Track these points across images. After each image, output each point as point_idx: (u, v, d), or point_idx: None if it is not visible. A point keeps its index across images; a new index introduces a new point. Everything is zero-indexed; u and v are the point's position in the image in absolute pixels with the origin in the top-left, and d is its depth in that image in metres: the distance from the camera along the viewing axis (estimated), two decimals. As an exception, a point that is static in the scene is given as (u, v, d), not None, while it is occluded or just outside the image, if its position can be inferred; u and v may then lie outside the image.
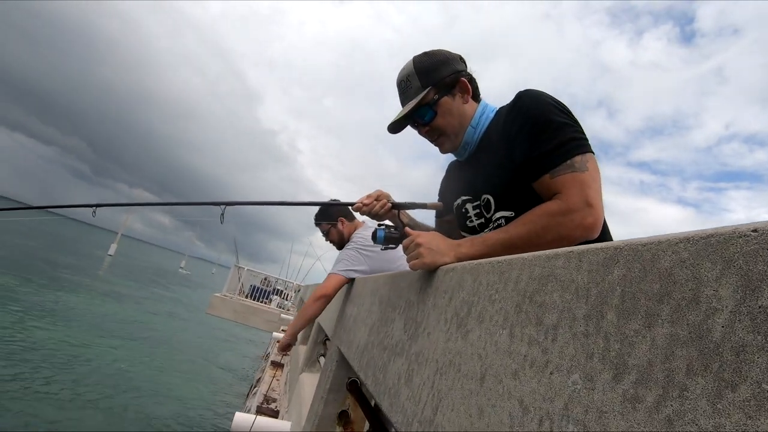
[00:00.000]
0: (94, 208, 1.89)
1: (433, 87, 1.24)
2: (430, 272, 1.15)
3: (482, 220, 1.27)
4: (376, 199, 1.48)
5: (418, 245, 1.11)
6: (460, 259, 1.06)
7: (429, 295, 1.13)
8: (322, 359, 4.28)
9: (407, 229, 1.27)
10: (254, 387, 7.93)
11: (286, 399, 4.61)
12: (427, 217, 1.66)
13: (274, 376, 6.72)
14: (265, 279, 16.67)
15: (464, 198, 1.34)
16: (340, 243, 2.87)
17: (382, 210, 1.46)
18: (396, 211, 1.50)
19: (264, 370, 8.06)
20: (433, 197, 1.59)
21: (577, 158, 1.01)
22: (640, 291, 0.46)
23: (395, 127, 1.34)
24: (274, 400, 5.11)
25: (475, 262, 0.91)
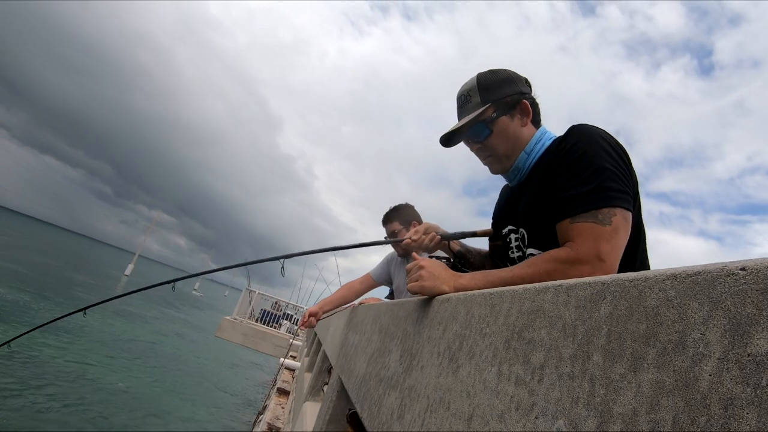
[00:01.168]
0: (173, 284, 2.01)
1: (492, 104, 1.19)
2: (426, 302, 1.12)
3: (521, 253, 1.21)
4: (424, 233, 1.48)
5: (421, 268, 1.08)
6: (458, 290, 1.02)
7: (425, 326, 1.09)
8: (326, 387, 4.18)
9: (414, 254, 1.27)
10: (260, 414, 7.78)
11: (290, 428, 4.49)
12: (481, 244, 1.58)
13: (279, 404, 6.59)
14: (276, 303, 16.59)
15: (510, 227, 1.28)
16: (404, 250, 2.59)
17: (432, 243, 1.46)
18: (446, 242, 1.49)
19: (270, 396, 7.92)
20: (447, 222, 1.57)
21: (604, 210, 0.94)
22: (626, 331, 0.43)
23: (447, 140, 1.27)
24: (278, 429, 4.98)
25: (469, 293, 0.87)
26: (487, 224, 1.51)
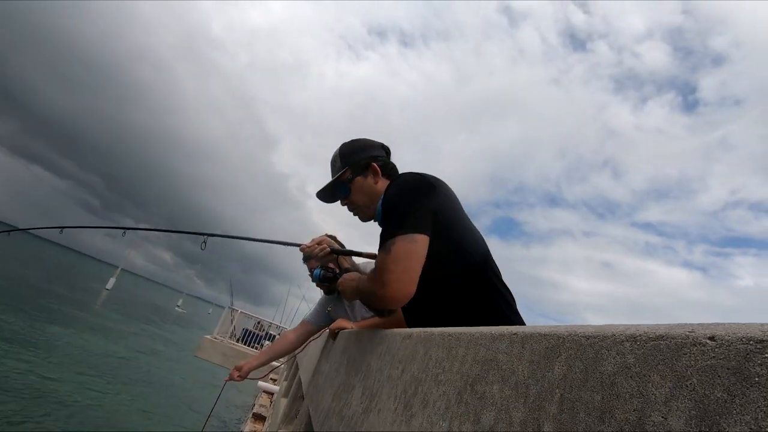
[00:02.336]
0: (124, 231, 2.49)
1: (349, 167, 1.49)
2: (392, 336, 1.04)
3: None
4: (318, 243, 1.72)
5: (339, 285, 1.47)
6: (356, 290, 1.38)
7: (386, 362, 1.01)
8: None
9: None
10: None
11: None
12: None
13: (254, 430, 6.32)
14: (259, 323, 16.20)
15: None
16: (331, 288, 2.48)
17: (321, 254, 1.71)
18: (335, 256, 1.73)
19: (246, 421, 7.61)
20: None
21: (389, 241, 1.18)
22: (580, 401, 0.36)
23: (322, 197, 1.57)
24: (249, 458, 4.75)
25: (429, 331, 0.80)
26: None
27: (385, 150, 1.56)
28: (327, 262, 1.72)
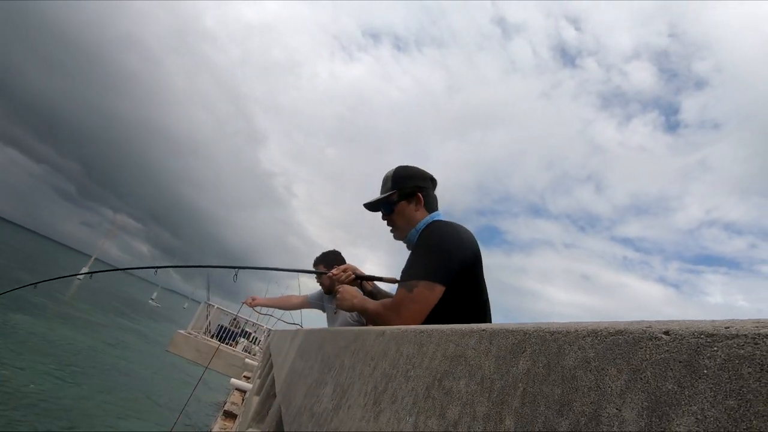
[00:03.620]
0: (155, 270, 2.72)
1: (397, 191, 1.66)
2: (366, 334, 1.04)
3: None
4: (343, 271, 1.93)
5: (340, 290, 1.69)
6: (355, 306, 1.64)
7: (359, 359, 1.01)
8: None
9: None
10: (204, 437, 7.30)
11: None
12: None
13: (224, 428, 6.21)
14: (235, 320, 15.93)
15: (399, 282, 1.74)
16: (330, 288, 2.97)
17: (347, 280, 1.90)
18: (359, 281, 1.93)
19: (216, 419, 7.47)
20: None
21: (413, 282, 1.40)
22: (540, 394, 0.37)
23: (369, 207, 1.75)
24: (218, 456, 4.66)
25: (402, 329, 0.80)
26: None
27: (433, 183, 1.74)
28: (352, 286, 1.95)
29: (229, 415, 6.63)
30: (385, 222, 1.72)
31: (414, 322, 1.34)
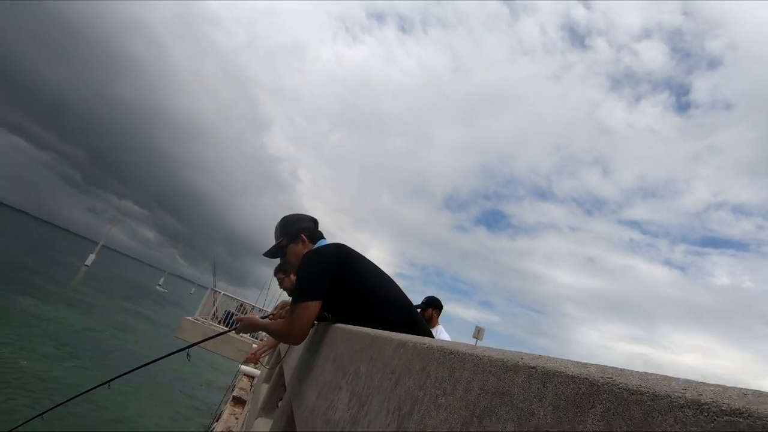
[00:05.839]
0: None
1: (285, 237, 2.08)
2: (380, 341, 0.99)
3: None
4: (281, 308, 2.51)
5: (239, 321, 2.12)
6: (258, 325, 2.07)
7: (378, 369, 0.96)
8: (281, 404, 3.96)
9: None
10: (215, 420, 7.41)
11: (239, 444, 4.24)
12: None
13: (233, 413, 6.29)
14: (242, 305, 16.05)
15: None
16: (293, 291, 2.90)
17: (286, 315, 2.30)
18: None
19: (226, 403, 7.56)
20: (426, 236, 2.09)
21: (294, 305, 1.77)
22: (623, 469, 0.31)
23: (268, 255, 2.14)
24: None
25: (427, 345, 0.75)
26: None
27: (314, 222, 2.16)
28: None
29: (239, 401, 6.71)
30: (284, 264, 2.22)
31: (300, 336, 1.77)
